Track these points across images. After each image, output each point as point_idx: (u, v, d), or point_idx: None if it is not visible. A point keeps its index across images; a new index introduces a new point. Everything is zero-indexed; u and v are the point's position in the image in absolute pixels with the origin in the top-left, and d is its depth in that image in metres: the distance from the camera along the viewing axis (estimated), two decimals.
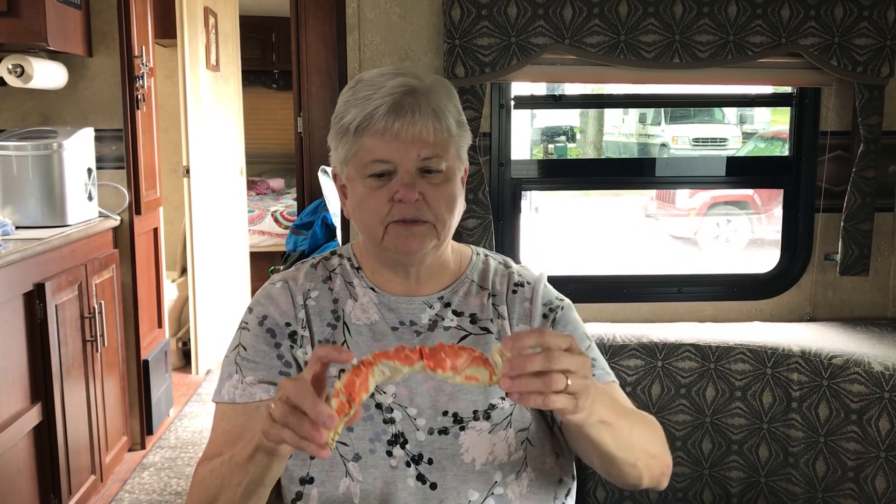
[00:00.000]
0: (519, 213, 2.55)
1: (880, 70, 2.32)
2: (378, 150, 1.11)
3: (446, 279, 1.25)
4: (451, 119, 1.14)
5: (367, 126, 1.10)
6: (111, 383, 3.17)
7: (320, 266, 1.26)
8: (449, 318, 1.22)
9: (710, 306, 2.54)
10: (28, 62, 2.91)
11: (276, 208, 6.25)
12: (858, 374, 2.09)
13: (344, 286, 1.23)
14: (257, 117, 7.01)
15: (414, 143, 1.10)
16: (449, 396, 1.17)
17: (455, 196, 1.16)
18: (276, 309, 1.20)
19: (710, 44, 2.29)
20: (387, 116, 1.09)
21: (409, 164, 1.11)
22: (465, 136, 1.17)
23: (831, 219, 2.48)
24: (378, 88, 1.11)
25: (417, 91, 1.11)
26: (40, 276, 2.59)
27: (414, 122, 1.10)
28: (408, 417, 1.16)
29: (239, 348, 1.19)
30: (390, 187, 1.12)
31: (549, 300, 1.27)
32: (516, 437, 1.17)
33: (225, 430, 1.15)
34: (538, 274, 1.30)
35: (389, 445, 1.14)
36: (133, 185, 3.38)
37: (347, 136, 1.13)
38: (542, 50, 2.27)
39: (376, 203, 1.13)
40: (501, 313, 1.24)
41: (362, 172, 1.13)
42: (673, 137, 12.26)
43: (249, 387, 1.15)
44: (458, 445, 1.15)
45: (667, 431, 2.24)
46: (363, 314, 1.21)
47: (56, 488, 2.65)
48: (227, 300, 4.78)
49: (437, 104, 1.12)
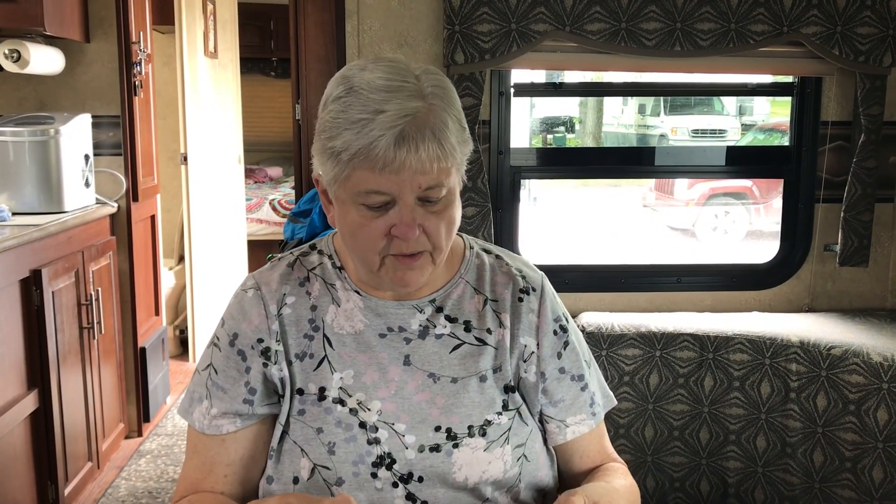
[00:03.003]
0: (518, 202, 2.54)
1: (882, 60, 2.31)
2: (374, 182, 1.00)
3: (438, 280, 1.16)
4: (453, 139, 1.02)
5: (364, 159, 0.99)
6: (108, 371, 3.17)
7: (297, 265, 1.17)
8: (441, 325, 1.14)
9: (710, 296, 2.53)
10: (25, 47, 2.88)
11: (274, 196, 6.23)
12: (857, 364, 2.09)
13: (325, 290, 1.15)
14: (255, 105, 6.98)
15: (415, 176, 1.00)
16: (441, 410, 1.11)
17: (455, 218, 1.07)
18: (248, 324, 1.13)
19: (711, 32, 2.28)
20: (386, 151, 0.98)
21: (409, 196, 1.01)
22: (466, 149, 1.06)
23: (831, 209, 2.47)
24: (375, 113, 0.99)
25: (419, 117, 1.00)
26: (37, 262, 2.57)
27: (417, 155, 0.99)
28: (395, 435, 1.10)
29: (210, 370, 1.14)
30: (387, 219, 1.02)
31: (557, 315, 1.19)
32: (513, 454, 1.12)
33: (196, 466, 1.15)
34: (540, 276, 1.21)
35: (374, 467, 1.08)
36: (130, 172, 3.37)
37: (339, 162, 1.02)
38: (543, 37, 2.26)
39: (372, 235, 1.04)
40: (504, 322, 1.16)
41: (355, 199, 1.03)
42: (672, 128, 12.23)
43: (215, 419, 1.13)
44: (451, 464, 1.09)
45: (665, 421, 2.25)
46: (347, 322, 1.13)
47: (53, 475, 2.64)
48: (224, 288, 4.77)
49: (439, 128, 1.01)
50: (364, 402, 1.11)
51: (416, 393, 1.12)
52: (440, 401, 1.11)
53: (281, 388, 1.13)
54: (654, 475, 2.27)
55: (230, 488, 1.15)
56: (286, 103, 6.32)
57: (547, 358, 1.16)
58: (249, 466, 1.16)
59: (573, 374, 1.19)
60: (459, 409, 1.12)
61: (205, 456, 1.14)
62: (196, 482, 1.15)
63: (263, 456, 1.16)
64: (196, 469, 1.15)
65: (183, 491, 1.16)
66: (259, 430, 1.15)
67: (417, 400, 1.12)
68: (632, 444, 2.25)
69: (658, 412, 2.24)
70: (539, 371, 1.16)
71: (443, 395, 1.12)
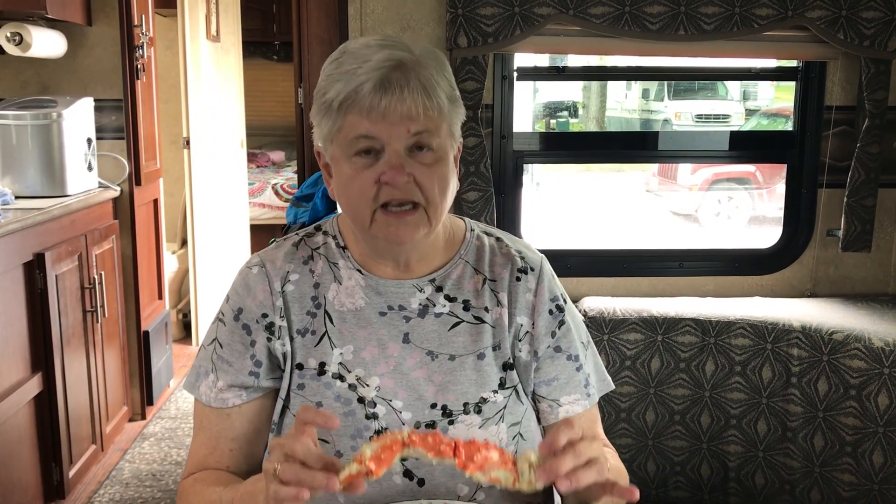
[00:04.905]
0: (520, 187, 2.54)
1: (887, 44, 2.29)
2: (363, 127, 1.03)
3: (438, 259, 1.17)
4: (442, 95, 1.05)
5: (352, 103, 1.03)
6: (111, 354, 3.18)
7: (302, 245, 1.19)
8: (441, 304, 1.15)
9: (711, 281, 2.53)
10: (27, 30, 2.88)
11: (277, 181, 6.23)
12: (858, 349, 2.09)
13: (328, 268, 1.16)
14: (258, 89, 6.95)
15: (402, 121, 1.02)
16: (438, 387, 1.13)
17: (448, 177, 1.08)
18: (253, 300, 1.14)
19: (715, 16, 2.27)
20: (373, 93, 1.01)
21: (398, 143, 1.03)
22: (458, 111, 1.09)
23: (834, 194, 2.47)
24: (363, 62, 1.03)
25: (406, 65, 1.03)
26: (40, 246, 2.58)
27: (402, 99, 1.02)
28: (392, 411, 1.11)
29: (215, 344, 1.16)
30: (377, 168, 1.04)
31: (555, 295, 1.19)
32: (508, 432, 1.13)
33: (203, 441, 1.16)
34: (540, 258, 1.22)
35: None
36: (133, 155, 3.37)
37: (331, 113, 1.05)
38: (546, 20, 2.25)
39: (362, 185, 1.05)
40: (501, 301, 1.17)
41: (347, 151, 1.06)
42: (676, 113, 12.17)
43: (221, 392, 1.14)
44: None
45: (666, 406, 2.25)
46: (348, 299, 1.14)
47: (57, 457, 2.66)
48: (227, 272, 4.78)
49: (427, 79, 1.04)
50: (363, 378, 1.12)
51: (414, 370, 1.13)
52: (437, 378, 1.13)
53: (283, 362, 1.15)
54: (654, 459, 2.28)
55: (235, 463, 1.16)
56: (289, 87, 6.31)
57: (541, 337, 1.17)
58: (254, 441, 1.17)
59: (569, 354, 1.19)
60: (456, 386, 1.13)
61: (210, 431, 1.16)
62: (203, 458, 1.16)
63: (267, 431, 1.18)
64: (203, 444, 1.17)
65: (191, 468, 1.18)
66: (263, 405, 1.16)
67: (415, 377, 1.13)
68: (633, 429, 2.26)
69: (659, 396, 2.25)
70: (532, 350, 1.17)
71: (440, 373, 1.13)
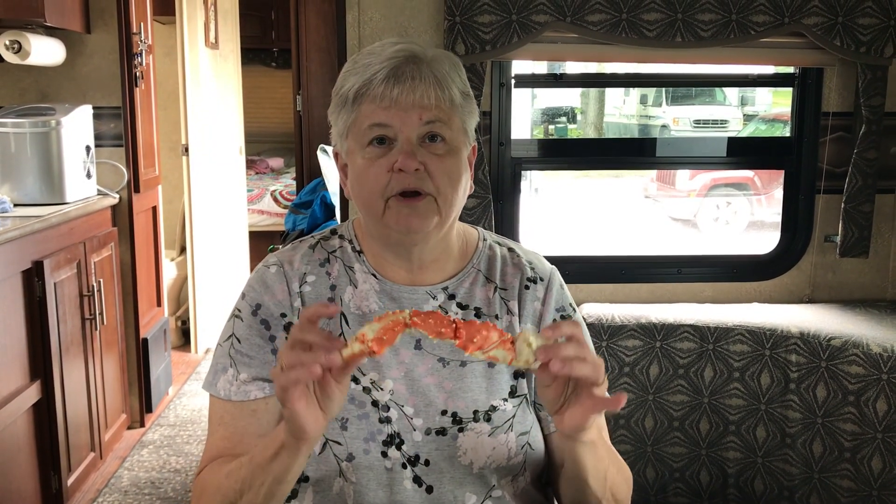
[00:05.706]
0: (519, 193, 2.54)
1: (884, 50, 2.30)
2: (376, 115, 1.06)
3: (451, 267, 1.19)
4: (455, 89, 1.08)
5: (366, 92, 1.06)
6: (110, 361, 3.18)
7: (318, 248, 1.19)
8: (453, 311, 1.16)
9: (710, 287, 2.53)
10: (25, 38, 2.88)
11: (276, 188, 6.24)
12: (857, 355, 2.09)
13: (343, 271, 1.17)
14: (256, 96, 6.97)
15: (414, 108, 1.05)
16: (448, 394, 1.13)
17: (459, 171, 1.09)
18: (271, 297, 1.14)
19: (712, 22, 2.28)
20: (385, 82, 1.04)
21: (410, 131, 1.06)
22: (471, 109, 1.11)
23: (832, 200, 2.47)
24: (378, 55, 1.07)
25: (419, 58, 1.06)
26: (39, 253, 2.58)
27: (414, 87, 1.05)
28: (404, 416, 1.11)
29: (232, 339, 1.14)
30: (389, 157, 1.06)
31: (561, 305, 1.21)
32: (517, 441, 1.13)
33: (223, 436, 1.12)
34: (550, 269, 1.23)
35: (385, 446, 1.10)
36: (132, 163, 3.37)
37: (346, 106, 1.08)
38: (544, 28, 2.25)
39: (375, 174, 1.07)
40: (511, 309, 1.18)
41: (361, 141, 1.08)
42: (674, 119, 12.20)
43: (244, 385, 1.11)
44: (456, 447, 1.11)
45: (665, 412, 2.25)
46: (363, 302, 1.15)
47: (56, 465, 2.66)
48: (226, 279, 4.78)
49: (439, 72, 1.07)
50: (377, 382, 1.13)
51: (425, 376, 1.14)
52: (448, 385, 1.13)
53: None
54: (654, 466, 2.28)
55: None
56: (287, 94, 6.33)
57: None
58: None
59: None
60: (466, 393, 1.13)
61: (233, 427, 1.12)
62: (223, 451, 1.11)
63: None
64: (222, 439, 1.12)
65: (208, 461, 1.13)
66: None
67: (426, 383, 1.13)
68: (632, 435, 2.26)
69: (658, 403, 2.25)
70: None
71: (451, 380, 1.14)
